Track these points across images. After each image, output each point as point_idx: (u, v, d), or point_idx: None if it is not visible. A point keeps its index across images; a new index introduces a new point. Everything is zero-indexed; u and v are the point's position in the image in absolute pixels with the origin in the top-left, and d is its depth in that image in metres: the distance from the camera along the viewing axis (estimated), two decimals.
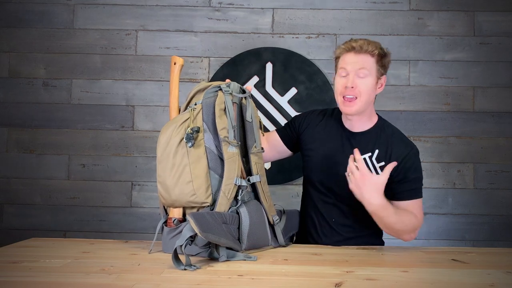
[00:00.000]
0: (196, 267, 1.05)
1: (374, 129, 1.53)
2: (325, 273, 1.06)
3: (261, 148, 1.41)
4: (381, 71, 1.48)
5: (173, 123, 1.29)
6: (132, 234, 2.45)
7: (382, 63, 1.47)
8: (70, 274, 1.01)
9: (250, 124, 1.37)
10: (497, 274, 1.06)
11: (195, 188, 1.24)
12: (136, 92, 2.52)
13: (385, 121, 1.59)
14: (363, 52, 1.44)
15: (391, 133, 1.54)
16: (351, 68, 1.44)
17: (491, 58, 2.49)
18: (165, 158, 1.27)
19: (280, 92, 2.50)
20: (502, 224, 2.44)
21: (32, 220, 2.48)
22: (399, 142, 1.51)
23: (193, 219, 1.08)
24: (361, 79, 1.44)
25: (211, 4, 2.55)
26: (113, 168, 2.50)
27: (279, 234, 1.41)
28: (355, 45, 1.44)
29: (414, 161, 1.49)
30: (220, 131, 1.28)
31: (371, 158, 1.49)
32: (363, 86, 1.44)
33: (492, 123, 2.47)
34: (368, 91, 1.46)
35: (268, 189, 1.40)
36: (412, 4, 2.52)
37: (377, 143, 1.50)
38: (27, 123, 2.52)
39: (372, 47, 1.44)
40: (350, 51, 1.46)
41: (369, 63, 1.44)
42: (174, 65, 1.40)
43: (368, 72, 1.44)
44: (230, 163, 1.28)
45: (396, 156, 1.46)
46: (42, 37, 2.54)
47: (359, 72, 1.44)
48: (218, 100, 1.30)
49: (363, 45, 1.44)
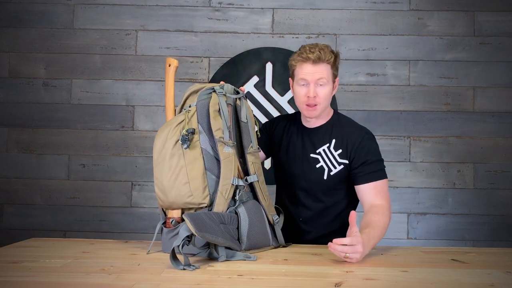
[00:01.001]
0: (195, 267, 1.05)
1: (330, 122, 1.61)
2: (325, 273, 1.06)
3: (258, 148, 1.42)
4: (335, 74, 1.55)
5: (168, 126, 1.30)
6: (132, 234, 2.45)
7: (336, 66, 1.54)
8: (70, 274, 1.01)
9: (246, 124, 1.38)
10: (497, 274, 1.06)
11: (192, 189, 1.25)
12: (136, 92, 2.52)
13: (340, 114, 1.66)
14: (320, 61, 1.49)
15: (345, 122, 1.61)
16: (311, 78, 1.50)
17: (491, 58, 2.49)
18: (161, 160, 1.27)
19: (280, 92, 2.50)
20: (502, 224, 2.44)
21: (32, 220, 2.48)
22: (353, 129, 1.58)
23: (189, 219, 1.09)
24: (320, 87, 1.51)
25: (211, 4, 2.55)
26: (113, 168, 2.50)
27: (279, 234, 1.41)
28: (311, 56, 1.49)
29: (371, 144, 1.54)
30: (215, 132, 1.29)
31: (329, 148, 1.56)
32: (323, 94, 1.51)
33: (492, 123, 2.47)
34: (327, 97, 1.53)
35: (266, 189, 1.41)
36: (412, 4, 2.52)
37: (333, 134, 1.57)
38: (27, 123, 2.51)
39: (328, 55, 1.49)
40: (307, 62, 1.50)
41: (326, 71, 1.51)
42: (169, 67, 1.43)
43: (326, 80, 1.50)
44: (226, 163, 1.28)
45: (353, 142, 1.53)
46: (42, 37, 2.54)
47: (318, 82, 1.50)
48: (212, 102, 1.32)
49: (319, 56, 1.48)
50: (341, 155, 1.54)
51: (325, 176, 1.54)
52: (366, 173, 1.49)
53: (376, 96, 2.49)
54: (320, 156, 1.56)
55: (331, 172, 1.54)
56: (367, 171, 1.49)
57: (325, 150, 1.56)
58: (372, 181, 1.49)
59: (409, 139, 2.48)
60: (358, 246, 1.17)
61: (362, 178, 1.50)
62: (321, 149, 1.56)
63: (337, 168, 1.54)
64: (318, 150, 1.56)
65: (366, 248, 1.23)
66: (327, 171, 1.54)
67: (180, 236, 1.09)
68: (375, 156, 1.52)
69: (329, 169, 1.54)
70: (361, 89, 2.49)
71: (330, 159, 1.55)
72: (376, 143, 1.57)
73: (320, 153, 1.56)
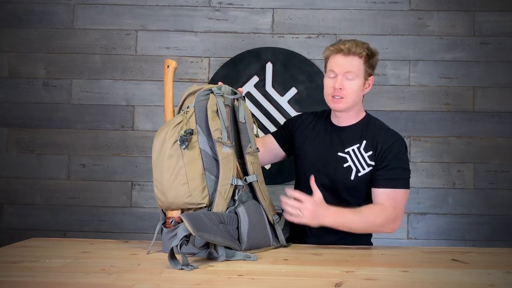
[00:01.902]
0: (193, 267, 1.05)
1: (361, 123, 1.58)
2: (325, 273, 1.06)
3: (256, 148, 1.42)
4: (368, 72, 1.52)
5: (166, 127, 1.31)
6: (132, 234, 2.45)
7: (370, 63, 1.51)
8: (70, 274, 1.01)
9: (244, 124, 1.39)
10: (497, 274, 1.06)
11: (191, 190, 1.25)
12: (136, 92, 2.52)
13: (373, 116, 1.63)
14: (351, 54, 1.48)
15: (378, 124, 1.58)
16: (339, 70, 1.49)
17: (491, 58, 2.49)
18: (160, 161, 1.28)
19: (280, 92, 2.50)
20: (502, 224, 2.44)
21: (32, 220, 2.48)
22: (386, 132, 1.55)
23: (186, 219, 1.09)
24: (348, 81, 1.49)
25: (211, 4, 2.55)
26: (113, 168, 2.50)
27: (280, 234, 1.41)
28: (343, 48, 1.48)
29: (399, 150, 1.51)
30: (213, 132, 1.29)
31: (359, 149, 1.53)
32: (350, 88, 1.49)
33: (492, 123, 2.47)
34: (355, 92, 1.50)
35: (266, 189, 1.41)
36: (412, 4, 2.52)
37: (364, 135, 1.54)
38: (27, 123, 2.52)
39: (360, 49, 1.48)
40: (339, 53, 1.50)
41: (357, 65, 1.48)
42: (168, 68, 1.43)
43: (356, 74, 1.48)
44: (225, 164, 1.29)
45: (382, 144, 1.50)
46: (42, 37, 2.54)
47: (346, 75, 1.48)
48: (210, 103, 1.32)
49: (351, 48, 1.47)
50: (371, 157, 1.51)
51: (352, 176, 1.51)
52: (385, 178, 1.46)
53: (376, 96, 2.49)
54: (349, 155, 1.53)
55: (359, 173, 1.51)
56: (386, 176, 1.46)
57: (355, 150, 1.53)
58: (388, 187, 1.45)
59: (409, 139, 2.48)
60: (307, 204, 1.24)
61: (379, 182, 1.47)
62: (350, 148, 1.53)
63: (365, 170, 1.51)
64: (347, 150, 1.54)
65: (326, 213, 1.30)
66: (355, 171, 1.51)
67: (178, 236, 1.09)
68: (400, 163, 1.48)
69: (357, 170, 1.51)
70: None
71: (360, 160, 1.51)
72: (406, 150, 1.53)
73: (349, 153, 1.53)
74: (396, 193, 1.45)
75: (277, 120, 2.47)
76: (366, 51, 1.49)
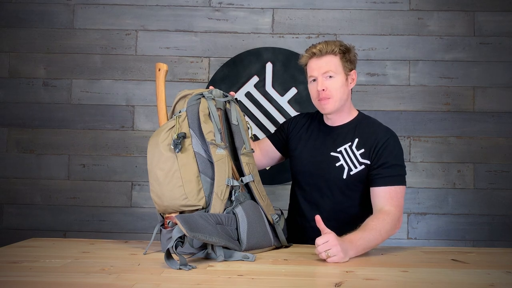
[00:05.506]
0: (191, 267, 1.06)
1: (354, 121, 1.58)
2: (325, 273, 1.06)
3: (251, 149, 1.43)
4: (348, 67, 1.52)
5: (160, 131, 1.32)
6: (132, 234, 2.45)
7: (347, 58, 1.52)
8: (70, 274, 1.01)
9: (237, 126, 1.40)
10: (497, 274, 1.06)
11: (186, 192, 1.26)
12: (136, 92, 2.52)
13: (365, 115, 1.63)
14: (324, 54, 1.50)
15: (371, 122, 1.59)
16: (317, 73, 1.50)
17: (491, 58, 2.49)
18: (155, 165, 1.29)
19: (280, 92, 2.50)
20: (502, 224, 2.44)
21: (32, 220, 2.48)
22: (379, 129, 1.55)
23: (180, 220, 1.10)
24: (329, 80, 1.50)
25: (211, 4, 2.55)
26: (113, 168, 2.50)
27: (280, 233, 1.41)
28: (315, 50, 1.50)
29: (395, 146, 1.51)
30: (206, 135, 1.30)
31: (351, 147, 1.53)
32: (332, 86, 1.50)
33: (492, 123, 2.47)
34: (339, 89, 1.51)
35: (263, 189, 1.42)
36: (412, 4, 2.52)
37: (357, 133, 1.54)
38: (27, 123, 2.51)
39: (332, 47, 1.50)
40: (313, 57, 1.52)
41: (333, 62, 1.50)
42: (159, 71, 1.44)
43: (334, 72, 1.49)
44: (219, 165, 1.29)
45: (376, 141, 1.50)
46: (42, 37, 2.54)
47: (325, 75, 1.50)
48: (202, 106, 1.34)
49: (322, 48, 1.49)
50: (363, 154, 1.50)
51: (344, 175, 1.51)
52: (383, 176, 1.45)
53: (376, 96, 2.49)
54: (341, 154, 1.53)
55: (351, 171, 1.51)
56: (384, 174, 1.45)
57: (347, 149, 1.53)
58: (388, 185, 1.44)
59: (409, 139, 2.48)
60: (330, 241, 1.17)
61: (378, 180, 1.45)
62: (342, 148, 1.53)
63: (357, 168, 1.50)
64: (339, 149, 1.54)
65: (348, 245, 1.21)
66: (347, 170, 1.51)
67: (172, 237, 1.10)
68: (396, 160, 1.48)
69: (349, 169, 1.51)
70: (361, 89, 2.49)
71: (351, 158, 1.52)
72: (401, 147, 1.52)
73: (341, 152, 1.53)
74: (396, 190, 1.45)
75: (277, 120, 2.47)
76: (339, 48, 1.51)
